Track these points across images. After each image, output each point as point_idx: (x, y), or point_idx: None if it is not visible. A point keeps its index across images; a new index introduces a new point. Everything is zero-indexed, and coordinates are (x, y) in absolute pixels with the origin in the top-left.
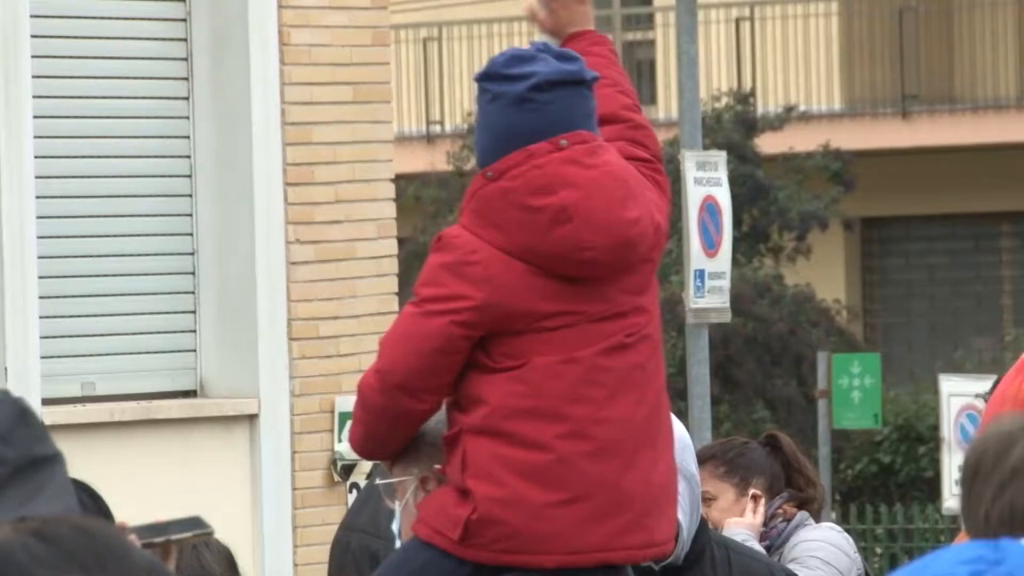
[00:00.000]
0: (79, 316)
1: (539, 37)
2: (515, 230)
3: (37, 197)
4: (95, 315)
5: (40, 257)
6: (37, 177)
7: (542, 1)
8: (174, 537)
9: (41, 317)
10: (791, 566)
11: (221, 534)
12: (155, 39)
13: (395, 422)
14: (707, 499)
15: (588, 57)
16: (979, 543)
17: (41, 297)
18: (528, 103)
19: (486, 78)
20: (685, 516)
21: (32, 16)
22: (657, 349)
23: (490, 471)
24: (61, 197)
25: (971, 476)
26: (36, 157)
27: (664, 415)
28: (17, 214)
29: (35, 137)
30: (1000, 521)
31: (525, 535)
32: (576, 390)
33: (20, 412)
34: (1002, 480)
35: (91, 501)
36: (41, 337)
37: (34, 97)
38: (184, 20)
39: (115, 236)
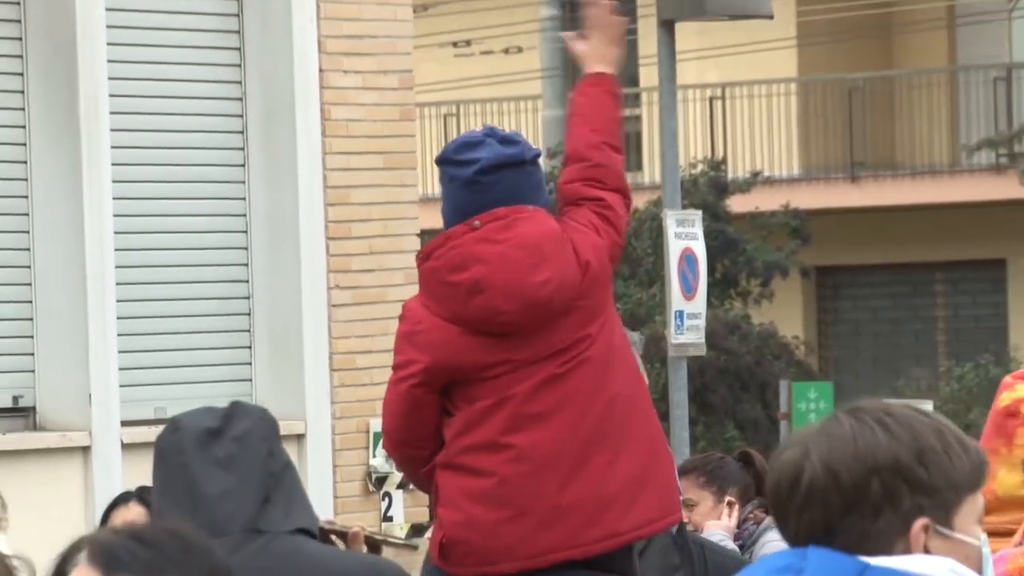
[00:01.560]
0: (152, 351)
1: (546, 111)
2: (444, 301)
3: (116, 249)
4: (166, 350)
5: (119, 301)
6: (116, 232)
7: (595, 30)
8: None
9: (120, 351)
10: None
11: None
12: (217, 115)
13: (412, 465)
14: (689, 505)
15: (578, 96)
16: (789, 552)
17: (120, 335)
18: (476, 184)
19: (442, 162)
20: None
21: (111, 96)
22: (603, 366)
23: (451, 499)
24: (139, 250)
25: (775, 502)
26: (115, 215)
27: (623, 419)
28: (99, 271)
29: (114, 199)
30: (807, 535)
31: (485, 550)
32: (512, 422)
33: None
34: (798, 504)
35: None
36: (120, 368)
37: (113, 165)
38: (240, 99)
39: (184, 283)
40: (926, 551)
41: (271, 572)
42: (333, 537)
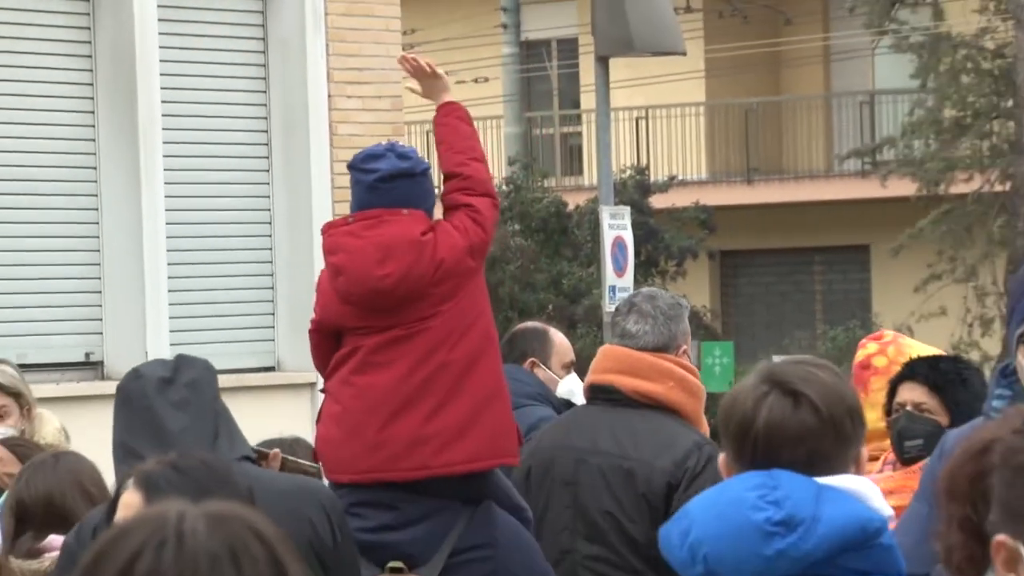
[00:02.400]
0: (197, 316)
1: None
2: (328, 276)
3: (168, 237)
4: (208, 316)
5: (170, 277)
6: (168, 223)
7: (417, 79)
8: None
9: (170, 317)
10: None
11: None
12: (246, 130)
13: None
14: None
15: (437, 127)
16: (756, 473)
17: (170, 304)
18: (376, 189)
19: (351, 168)
20: None
21: (163, 115)
22: (441, 337)
23: (322, 418)
24: (186, 237)
25: (731, 436)
26: (166, 209)
27: (454, 381)
28: (153, 253)
29: (166, 196)
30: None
31: (332, 461)
32: (359, 367)
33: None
34: (755, 438)
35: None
36: (170, 331)
37: (165, 170)
38: (265, 118)
39: (221, 263)
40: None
41: None
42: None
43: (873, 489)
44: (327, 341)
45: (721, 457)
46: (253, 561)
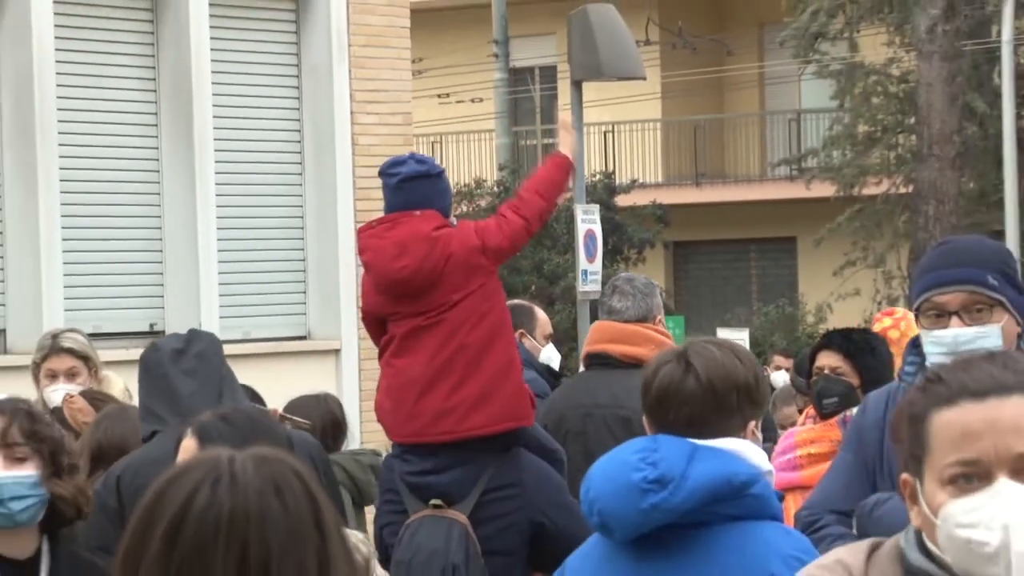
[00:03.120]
0: (241, 295)
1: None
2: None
3: (218, 228)
4: (249, 294)
5: (220, 262)
6: (218, 217)
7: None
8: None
9: (220, 295)
10: None
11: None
12: (283, 140)
13: None
14: None
15: (542, 164)
16: (642, 439)
17: (220, 284)
18: (400, 189)
19: (380, 174)
20: None
21: (215, 128)
22: (456, 325)
23: (379, 391)
24: (234, 228)
25: (659, 400)
26: (217, 205)
27: (470, 361)
28: (206, 243)
29: (216, 195)
30: (681, 427)
31: (384, 424)
32: (396, 352)
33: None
34: (651, 398)
35: (255, 398)
36: (220, 306)
37: (216, 173)
38: (299, 131)
39: (261, 249)
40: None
41: None
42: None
43: (753, 449)
44: (374, 326)
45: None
46: (293, 494)
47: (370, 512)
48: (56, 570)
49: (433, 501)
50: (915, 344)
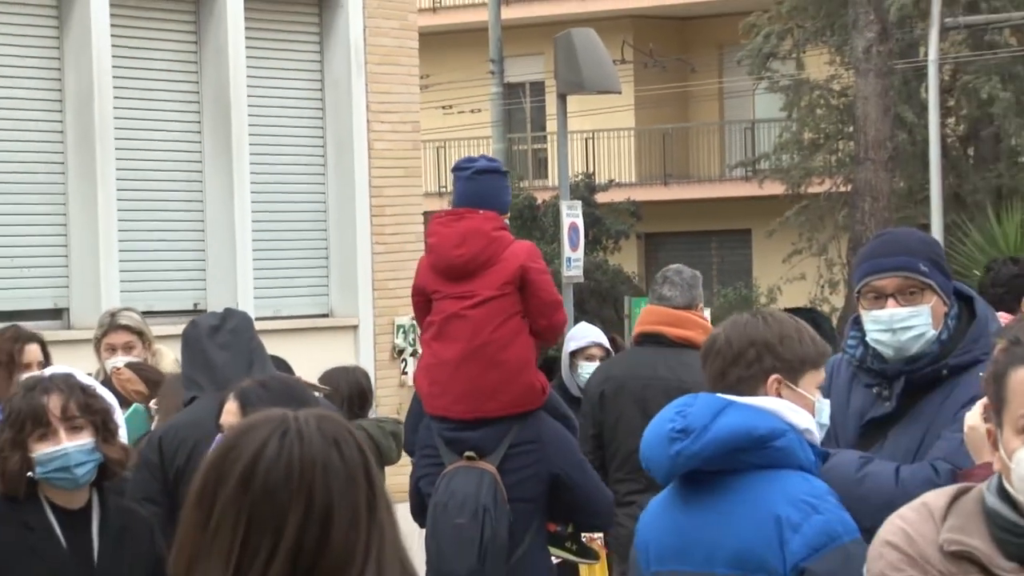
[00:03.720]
0: (274, 278)
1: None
2: (426, 250)
3: (253, 221)
4: (279, 277)
5: (254, 250)
6: (253, 212)
7: None
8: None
9: (255, 278)
10: None
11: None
12: (310, 146)
13: None
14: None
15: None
16: (689, 395)
17: (255, 268)
18: (474, 180)
19: (455, 169)
20: None
21: (250, 135)
22: (480, 324)
23: (418, 368)
24: (268, 220)
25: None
26: (252, 202)
27: (492, 354)
28: (242, 232)
29: (252, 193)
30: (710, 379)
31: (422, 397)
32: (434, 336)
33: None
34: (710, 358)
35: (285, 367)
36: (255, 288)
37: (251, 174)
38: (322, 137)
39: (290, 231)
40: (778, 396)
41: None
42: None
43: (791, 408)
44: (421, 305)
45: None
46: (348, 447)
47: (390, 474)
48: (104, 518)
49: (467, 453)
50: (856, 321)
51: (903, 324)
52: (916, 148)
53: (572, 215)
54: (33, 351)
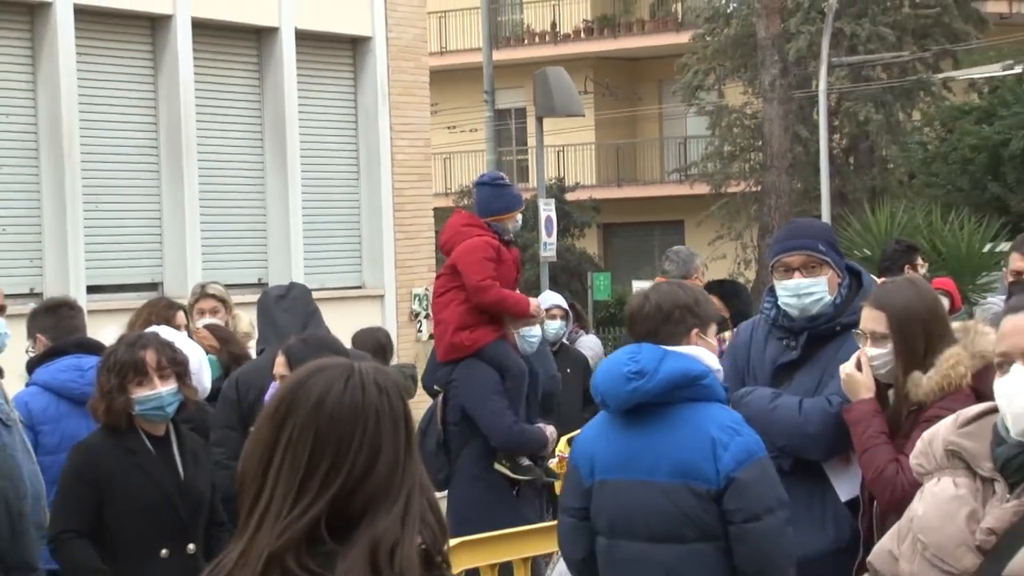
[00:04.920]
0: (320, 261)
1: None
2: None
3: (303, 214)
4: (320, 257)
5: (304, 237)
6: (303, 209)
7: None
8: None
9: (304, 258)
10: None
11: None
12: (345, 156)
13: None
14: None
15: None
16: (630, 346)
17: (304, 252)
18: (476, 189)
19: (477, 184)
20: None
21: (301, 149)
22: (436, 287)
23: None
24: (316, 213)
25: (629, 319)
26: (303, 202)
27: (438, 310)
28: (295, 220)
29: (302, 193)
30: (642, 335)
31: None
32: (442, 302)
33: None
34: (641, 319)
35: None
36: (304, 266)
37: (302, 177)
38: (356, 151)
39: (327, 221)
40: (696, 345)
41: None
42: None
43: (707, 353)
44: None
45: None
46: (394, 396)
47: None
48: (180, 442)
49: (435, 387)
50: (771, 291)
51: (806, 291)
52: (809, 158)
53: (547, 210)
54: (180, 316)
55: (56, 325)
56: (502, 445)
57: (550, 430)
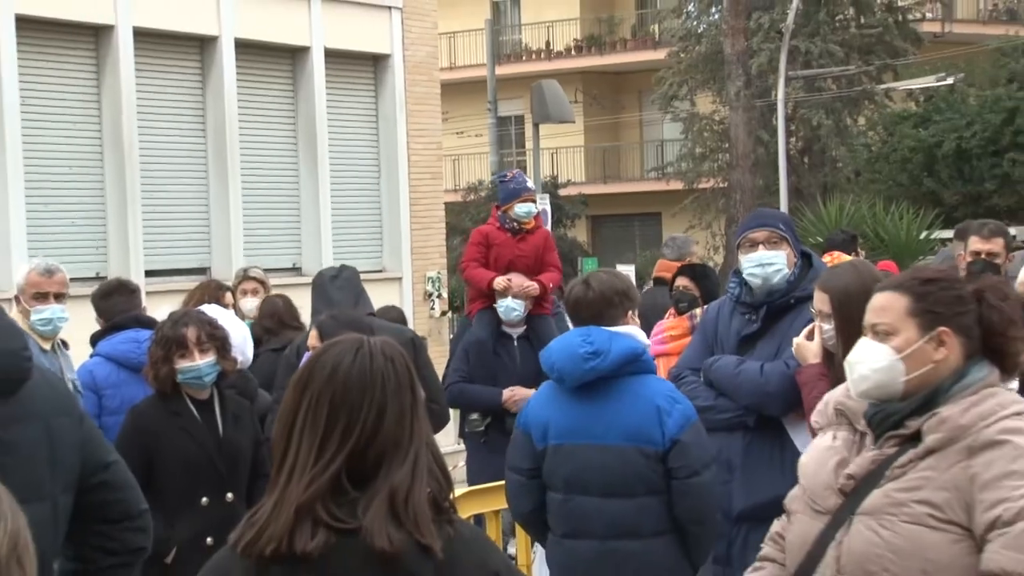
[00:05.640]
0: (350, 245)
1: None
2: None
3: (332, 210)
4: (355, 245)
5: (333, 227)
6: (332, 206)
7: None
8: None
9: (333, 247)
10: None
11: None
12: (369, 161)
13: None
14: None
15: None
16: (581, 329)
17: (333, 241)
18: (502, 181)
19: (501, 180)
20: None
21: (329, 157)
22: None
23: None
24: (346, 209)
25: (574, 305)
26: (331, 201)
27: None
28: (325, 213)
29: (331, 196)
30: (588, 319)
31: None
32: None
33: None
34: (584, 306)
35: (398, 312)
36: (333, 252)
37: (330, 178)
38: (377, 155)
39: (358, 223)
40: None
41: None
42: None
43: (638, 331)
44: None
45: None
46: (400, 365)
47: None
48: (223, 406)
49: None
50: (736, 272)
51: (768, 262)
52: (770, 158)
53: (543, 203)
54: (228, 296)
55: (113, 306)
56: (448, 401)
57: (506, 393)
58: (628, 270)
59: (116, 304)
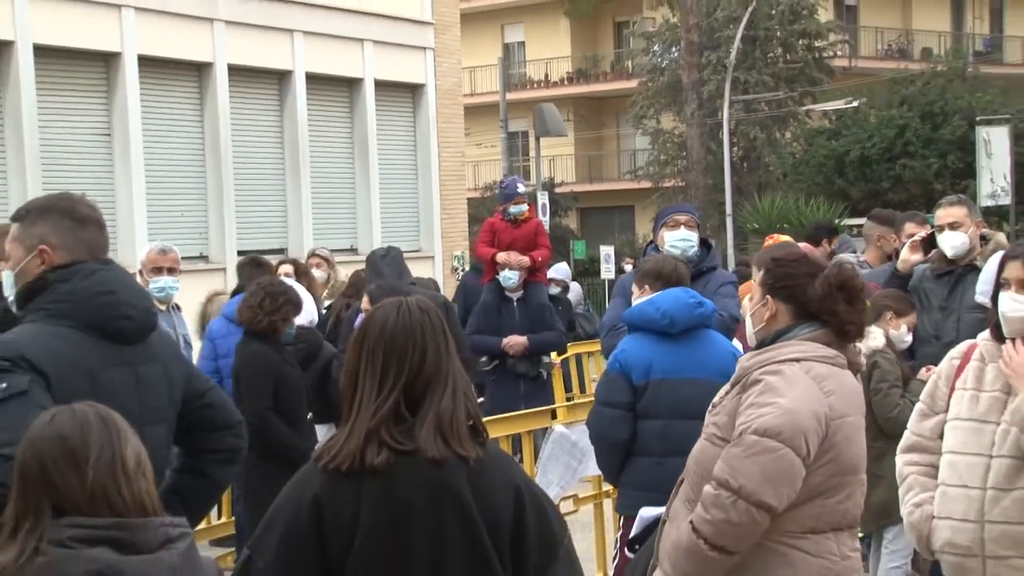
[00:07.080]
0: (393, 230)
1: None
2: None
3: (381, 203)
4: (398, 229)
5: (383, 219)
6: (381, 202)
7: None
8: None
9: (381, 232)
10: None
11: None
12: (407, 163)
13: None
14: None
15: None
16: (681, 288)
17: (381, 227)
18: (505, 189)
19: (503, 184)
20: None
21: (379, 164)
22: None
23: None
24: (392, 204)
25: (649, 274)
26: (380, 198)
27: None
28: (369, 208)
29: (380, 196)
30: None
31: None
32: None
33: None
34: (668, 277)
35: (433, 284)
36: (381, 236)
37: (380, 185)
38: (414, 158)
39: (399, 213)
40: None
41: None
42: None
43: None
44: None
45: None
46: (434, 316)
47: None
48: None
49: None
50: (655, 248)
51: (687, 239)
52: (717, 163)
53: (543, 198)
54: (288, 268)
55: (246, 276)
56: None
57: (506, 341)
58: (608, 250)
59: (246, 274)
